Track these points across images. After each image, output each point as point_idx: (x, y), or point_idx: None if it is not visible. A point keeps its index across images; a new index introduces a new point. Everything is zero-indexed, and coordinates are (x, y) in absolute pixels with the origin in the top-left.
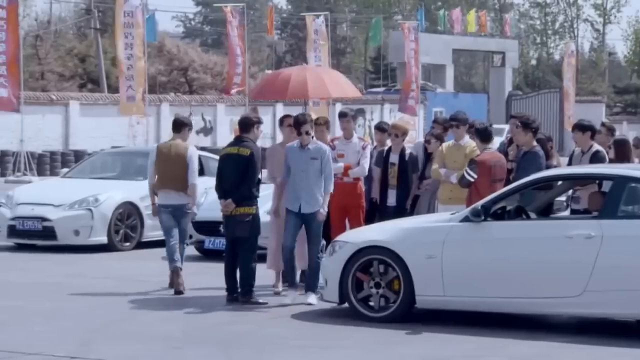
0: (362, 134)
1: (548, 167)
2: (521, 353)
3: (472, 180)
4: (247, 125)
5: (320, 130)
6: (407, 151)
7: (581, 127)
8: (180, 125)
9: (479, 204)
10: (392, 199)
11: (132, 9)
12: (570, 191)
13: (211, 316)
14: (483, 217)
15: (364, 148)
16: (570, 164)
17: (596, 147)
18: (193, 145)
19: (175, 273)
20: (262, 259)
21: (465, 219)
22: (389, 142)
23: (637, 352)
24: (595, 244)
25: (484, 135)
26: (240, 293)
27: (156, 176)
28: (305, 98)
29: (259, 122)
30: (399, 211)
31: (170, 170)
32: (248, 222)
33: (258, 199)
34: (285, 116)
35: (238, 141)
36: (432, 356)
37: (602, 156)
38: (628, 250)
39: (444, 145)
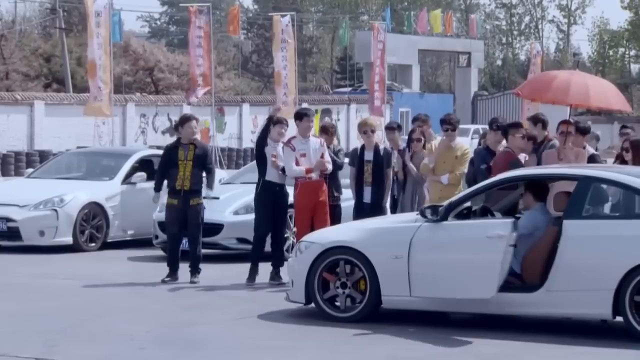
0: None
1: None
2: (488, 352)
3: None
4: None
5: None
6: (381, 147)
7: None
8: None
9: (444, 203)
10: (367, 197)
11: (99, 9)
12: None
13: (177, 316)
14: (447, 218)
15: (322, 145)
16: None
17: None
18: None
19: None
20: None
21: (431, 219)
22: (402, 143)
23: (602, 351)
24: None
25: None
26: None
27: None
28: (564, 102)
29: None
30: (375, 208)
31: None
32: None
33: (219, 199)
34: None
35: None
36: (399, 356)
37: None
38: (589, 249)
39: (435, 142)
